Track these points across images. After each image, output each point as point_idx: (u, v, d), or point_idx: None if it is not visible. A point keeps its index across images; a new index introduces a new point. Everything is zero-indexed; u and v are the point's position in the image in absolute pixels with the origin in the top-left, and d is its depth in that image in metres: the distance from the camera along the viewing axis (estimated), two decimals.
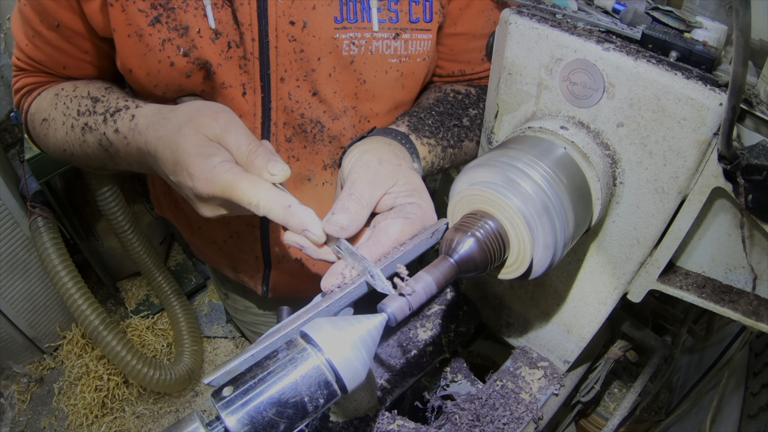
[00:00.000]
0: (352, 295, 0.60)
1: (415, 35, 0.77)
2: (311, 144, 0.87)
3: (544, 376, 0.94)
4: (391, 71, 0.80)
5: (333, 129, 0.86)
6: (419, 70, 0.81)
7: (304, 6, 0.73)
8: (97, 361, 2.59)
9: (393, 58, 0.78)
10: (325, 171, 0.91)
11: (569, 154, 0.65)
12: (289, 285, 1.14)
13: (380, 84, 0.81)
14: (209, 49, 0.76)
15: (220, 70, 0.78)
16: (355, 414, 0.83)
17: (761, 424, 1.01)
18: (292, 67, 0.78)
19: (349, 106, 0.84)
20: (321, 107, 0.83)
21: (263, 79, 0.78)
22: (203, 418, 0.47)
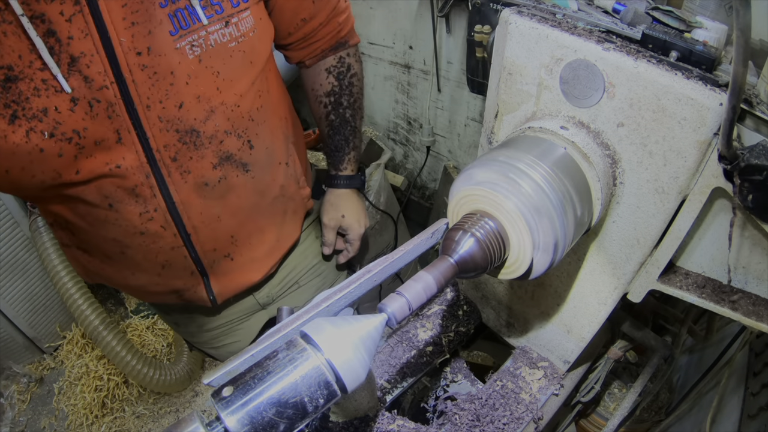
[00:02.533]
0: (352, 295, 0.61)
1: (241, 16, 0.88)
2: (194, 152, 0.91)
3: (544, 376, 0.94)
4: (236, 54, 0.89)
5: (207, 130, 0.91)
6: (255, 43, 0.93)
7: (142, 34, 0.78)
8: (97, 361, 2.59)
9: (232, 42, 0.87)
10: (215, 170, 0.96)
11: (569, 154, 0.65)
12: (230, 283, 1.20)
13: (232, 69, 0.90)
14: (72, 119, 0.78)
15: (89, 132, 0.80)
16: (355, 414, 0.83)
17: (761, 424, 1.01)
18: (152, 92, 0.82)
19: (216, 103, 0.89)
20: (190, 116, 0.87)
21: (131, 115, 0.82)
22: (203, 418, 0.47)
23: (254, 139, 1.02)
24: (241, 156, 1.00)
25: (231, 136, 0.95)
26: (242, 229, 1.11)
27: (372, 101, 2.79)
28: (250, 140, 1.01)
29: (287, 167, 1.16)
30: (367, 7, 2.44)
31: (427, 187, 2.83)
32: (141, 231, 0.96)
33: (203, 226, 1.01)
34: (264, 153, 1.06)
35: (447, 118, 2.43)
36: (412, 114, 2.62)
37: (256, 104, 1.00)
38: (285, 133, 1.15)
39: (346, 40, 1.21)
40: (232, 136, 0.96)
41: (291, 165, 1.18)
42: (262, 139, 1.04)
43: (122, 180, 0.87)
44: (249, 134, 1.00)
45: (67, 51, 0.74)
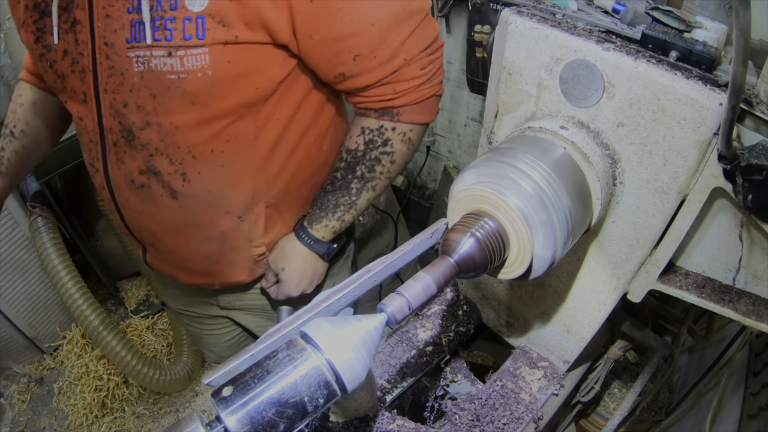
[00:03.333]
0: (352, 295, 0.61)
1: (190, 52, 0.81)
2: (128, 149, 0.96)
3: (544, 376, 0.94)
4: (173, 87, 0.85)
5: (142, 138, 0.93)
6: (204, 86, 0.85)
7: (111, 29, 0.84)
8: (97, 361, 2.59)
9: (171, 75, 0.83)
10: (141, 176, 0.98)
11: (569, 154, 0.65)
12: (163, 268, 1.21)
13: (168, 99, 0.87)
14: (62, 63, 0.93)
15: (68, 80, 0.94)
16: (355, 414, 0.83)
17: (761, 424, 1.01)
18: (109, 81, 0.89)
19: (152, 120, 0.91)
20: (130, 118, 0.91)
21: (96, 89, 0.91)
22: (203, 418, 0.47)
23: (192, 175, 0.97)
24: (171, 180, 0.98)
25: (162, 156, 0.95)
26: (163, 236, 1.09)
27: None
28: (185, 173, 0.97)
29: (240, 221, 1.06)
30: None
31: (427, 187, 2.83)
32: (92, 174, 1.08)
33: (128, 210, 1.06)
34: (204, 194, 1.00)
35: (447, 118, 2.43)
36: None
37: (209, 146, 0.94)
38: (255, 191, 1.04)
39: (398, 112, 0.99)
40: (163, 157, 0.95)
41: (247, 222, 1.07)
42: (205, 180, 0.98)
43: (83, 130, 1.00)
44: (186, 167, 0.96)
45: (72, 12, 0.87)
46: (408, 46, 0.91)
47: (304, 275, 1.15)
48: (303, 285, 1.16)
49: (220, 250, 1.10)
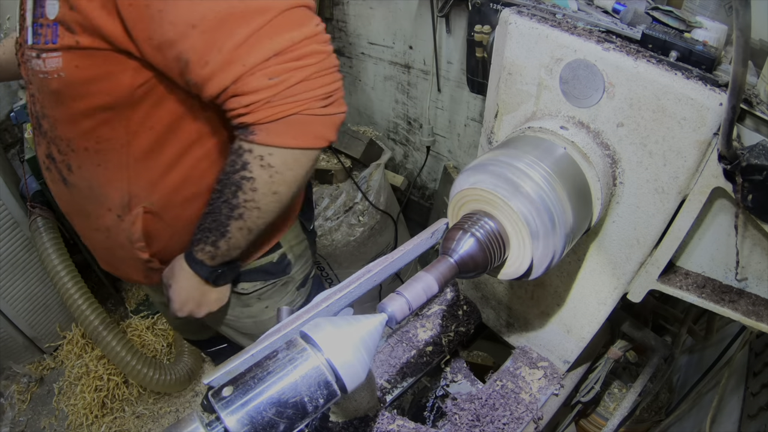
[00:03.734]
0: (352, 295, 0.61)
1: (49, 55, 0.87)
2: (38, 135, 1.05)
3: (544, 376, 0.94)
4: (43, 85, 0.93)
5: (43, 126, 1.01)
6: (61, 87, 0.90)
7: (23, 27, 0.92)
8: (97, 361, 2.59)
9: (41, 74, 0.90)
10: (46, 159, 1.06)
11: (569, 154, 0.65)
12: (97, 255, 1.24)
13: (44, 95, 0.96)
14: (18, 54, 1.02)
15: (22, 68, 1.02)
16: (355, 414, 0.83)
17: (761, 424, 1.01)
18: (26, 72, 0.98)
19: (46, 112, 0.98)
20: (37, 106, 1.01)
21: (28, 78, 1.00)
22: (203, 418, 0.47)
23: (75, 167, 1.02)
24: (61, 168, 1.04)
25: (53, 145, 1.02)
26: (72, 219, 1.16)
27: (372, 101, 2.79)
28: (69, 164, 1.02)
29: (119, 220, 1.06)
30: (367, 7, 2.44)
31: (427, 187, 2.83)
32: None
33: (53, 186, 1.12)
34: (86, 188, 1.04)
35: (447, 118, 2.43)
36: (412, 114, 2.63)
37: (82, 143, 0.97)
38: (131, 194, 1.03)
39: (252, 130, 0.85)
40: (54, 146, 1.02)
41: (126, 222, 1.06)
42: (85, 174, 1.01)
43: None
44: (69, 159, 1.01)
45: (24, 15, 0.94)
46: (245, 50, 0.79)
47: (189, 297, 1.11)
48: (189, 307, 1.12)
49: (109, 243, 1.13)
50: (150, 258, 1.13)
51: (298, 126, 0.85)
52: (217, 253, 1.02)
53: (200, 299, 1.13)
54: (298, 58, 0.81)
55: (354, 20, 2.56)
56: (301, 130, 0.86)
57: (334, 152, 2.42)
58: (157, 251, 1.13)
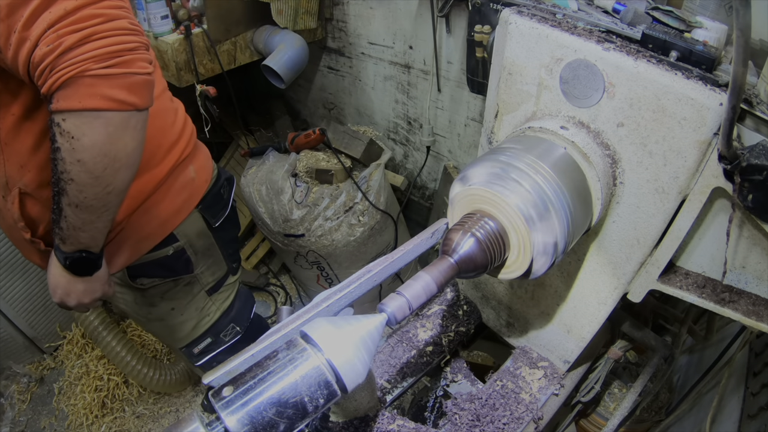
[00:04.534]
0: (352, 295, 0.61)
1: None
2: None
3: (544, 376, 0.94)
4: None
5: None
6: None
7: None
8: (97, 361, 2.59)
9: None
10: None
11: (569, 154, 0.65)
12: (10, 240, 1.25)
13: None
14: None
15: None
16: (355, 414, 0.83)
17: (761, 424, 1.01)
18: None
19: None
20: None
21: None
22: (203, 418, 0.47)
23: None
24: None
25: None
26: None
27: (372, 101, 2.78)
28: None
29: (4, 201, 1.12)
30: (367, 7, 2.44)
31: (427, 187, 2.83)
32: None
33: None
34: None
35: (447, 118, 2.43)
36: (412, 114, 2.62)
37: None
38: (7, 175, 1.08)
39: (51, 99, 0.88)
40: None
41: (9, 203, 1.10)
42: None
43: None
44: None
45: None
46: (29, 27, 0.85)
47: (57, 284, 1.13)
48: (59, 294, 1.14)
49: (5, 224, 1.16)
50: (33, 239, 1.15)
51: (83, 88, 0.86)
52: (64, 235, 1.02)
53: (67, 287, 1.13)
54: (72, 23, 0.84)
55: (354, 20, 2.56)
56: (86, 92, 0.87)
57: (334, 152, 2.42)
58: (42, 234, 1.15)
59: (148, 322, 1.37)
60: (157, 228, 1.22)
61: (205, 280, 1.37)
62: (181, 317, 1.36)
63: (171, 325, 1.36)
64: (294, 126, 3.30)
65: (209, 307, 1.42)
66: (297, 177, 2.37)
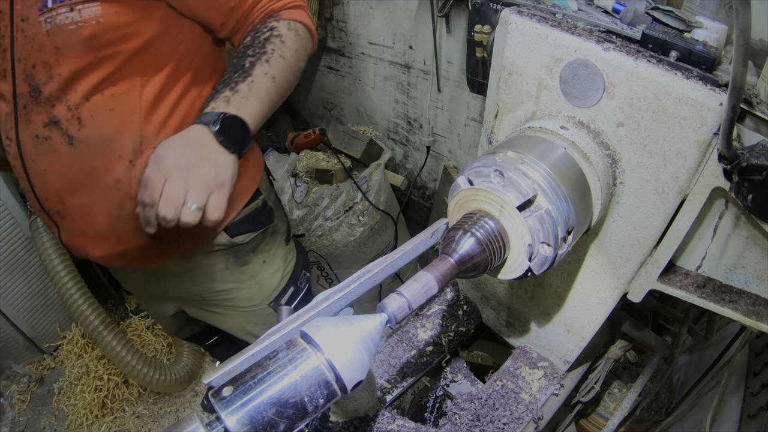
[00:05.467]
0: (352, 295, 0.61)
1: (86, 5, 1.00)
2: (35, 107, 1.09)
3: (544, 376, 0.94)
4: (73, 35, 1.02)
5: (45, 92, 1.07)
6: (98, 32, 1.03)
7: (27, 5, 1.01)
8: (97, 361, 2.59)
9: (72, 25, 1.01)
10: (45, 128, 1.11)
11: (569, 154, 0.65)
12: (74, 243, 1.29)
13: (68, 48, 1.03)
14: None
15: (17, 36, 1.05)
16: (355, 414, 0.83)
17: (761, 424, 1.01)
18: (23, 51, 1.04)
19: (55, 72, 1.06)
20: (37, 76, 1.06)
21: (12, 62, 1.06)
22: (203, 418, 0.47)
23: (86, 118, 1.09)
24: (68, 127, 1.10)
25: (62, 104, 1.08)
26: (66, 195, 1.18)
27: (372, 101, 2.79)
28: (80, 117, 1.09)
29: (131, 166, 1.14)
30: (367, 7, 2.44)
31: (427, 187, 2.83)
32: (7, 151, 1.17)
33: (35, 173, 1.16)
34: (96, 137, 1.11)
35: (447, 118, 2.43)
36: (412, 114, 2.63)
37: (99, 89, 1.08)
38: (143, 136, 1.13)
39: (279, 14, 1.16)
40: (62, 104, 1.08)
41: (138, 167, 1.13)
42: (97, 122, 1.10)
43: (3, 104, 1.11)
44: (81, 111, 1.09)
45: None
46: None
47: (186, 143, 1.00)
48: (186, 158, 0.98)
49: (117, 201, 1.17)
50: None
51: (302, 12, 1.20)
52: (233, 97, 1.07)
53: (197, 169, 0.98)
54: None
55: (354, 20, 2.56)
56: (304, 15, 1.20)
57: (334, 152, 2.42)
58: None
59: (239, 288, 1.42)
60: (249, 183, 1.34)
61: (281, 230, 1.49)
62: (271, 269, 1.46)
63: (263, 279, 1.44)
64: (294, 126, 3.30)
65: (288, 256, 1.53)
66: (297, 177, 2.37)
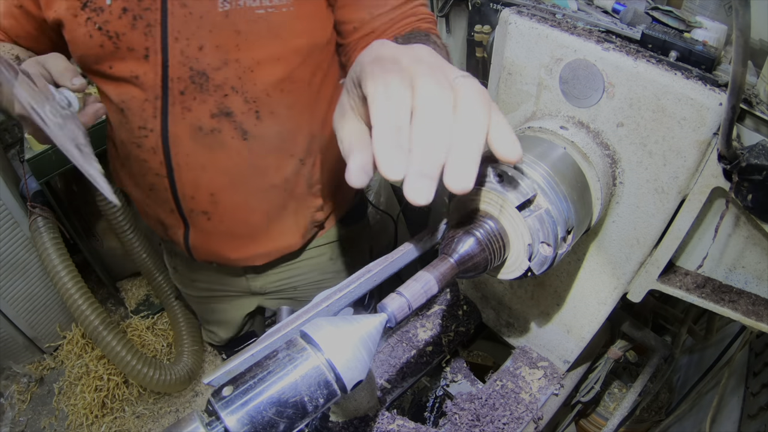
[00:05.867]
0: (352, 295, 0.61)
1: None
2: (199, 94, 0.99)
3: (544, 376, 0.94)
4: (260, 21, 0.93)
5: (216, 79, 0.98)
6: (288, 20, 0.94)
7: None
8: (97, 361, 2.59)
9: (260, 9, 0.92)
10: (212, 119, 1.02)
11: (569, 154, 0.65)
12: (207, 245, 1.21)
13: (253, 34, 0.94)
14: (118, 23, 0.94)
15: (125, 38, 0.95)
16: (355, 414, 0.83)
17: (761, 424, 1.02)
18: (182, 28, 0.93)
19: (231, 58, 0.96)
20: (205, 60, 0.96)
21: (163, 41, 0.94)
22: (203, 418, 0.47)
23: (264, 113, 1.02)
24: (243, 120, 1.02)
25: (237, 95, 0.99)
26: (224, 193, 1.10)
27: None
28: (258, 111, 1.01)
29: (301, 164, 1.12)
30: None
31: None
32: (137, 143, 1.06)
33: (186, 168, 1.06)
34: (273, 134, 1.05)
35: None
36: None
37: (281, 85, 1.00)
38: (313, 134, 1.10)
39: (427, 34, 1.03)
40: (238, 95, 0.99)
41: (308, 166, 1.13)
42: (276, 119, 1.03)
43: (137, 90, 1.00)
44: (259, 105, 1.01)
45: None
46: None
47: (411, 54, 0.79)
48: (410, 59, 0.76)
49: (281, 201, 1.13)
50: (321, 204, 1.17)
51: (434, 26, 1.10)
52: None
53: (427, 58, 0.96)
54: None
55: None
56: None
57: None
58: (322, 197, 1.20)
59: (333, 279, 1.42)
60: None
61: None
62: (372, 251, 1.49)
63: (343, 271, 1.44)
64: None
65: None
66: None
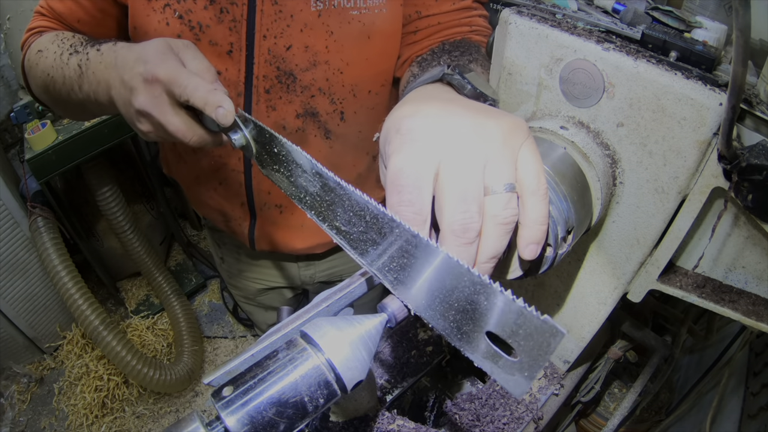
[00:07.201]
0: (352, 295, 0.61)
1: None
2: (285, 94, 0.98)
3: (544, 376, 0.94)
4: (354, 22, 0.92)
5: (304, 79, 0.97)
6: (379, 21, 0.93)
7: None
8: (97, 361, 2.59)
9: (354, 11, 0.90)
10: (297, 119, 1.01)
11: (569, 154, 0.65)
12: (273, 235, 1.23)
13: (345, 35, 0.93)
14: (202, 14, 0.90)
15: (210, 31, 0.91)
16: (355, 414, 0.83)
17: (761, 424, 1.02)
18: (271, 26, 0.91)
19: (320, 60, 0.95)
20: (294, 60, 0.95)
21: (249, 38, 0.91)
22: (203, 418, 0.47)
23: (349, 114, 1.02)
24: (327, 120, 1.02)
25: (324, 96, 0.99)
26: None
27: None
28: (343, 112, 1.01)
29: (373, 161, 1.14)
30: None
31: None
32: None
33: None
34: (355, 134, 1.06)
35: None
36: None
37: (368, 86, 1.00)
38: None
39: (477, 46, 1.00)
40: (325, 96, 0.99)
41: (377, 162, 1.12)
42: (359, 119, 1.04)
43: None
44: (345, 106, 1.01)
45: None
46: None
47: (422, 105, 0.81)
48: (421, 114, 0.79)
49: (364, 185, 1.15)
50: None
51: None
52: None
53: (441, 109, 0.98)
54: None
55: None
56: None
57: None
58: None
59: None
60: None
61: None
62: None
63: None
64: None
65: None
66: None
